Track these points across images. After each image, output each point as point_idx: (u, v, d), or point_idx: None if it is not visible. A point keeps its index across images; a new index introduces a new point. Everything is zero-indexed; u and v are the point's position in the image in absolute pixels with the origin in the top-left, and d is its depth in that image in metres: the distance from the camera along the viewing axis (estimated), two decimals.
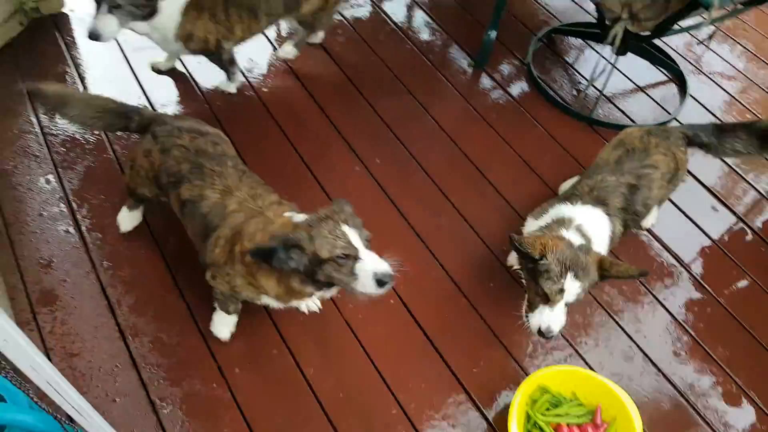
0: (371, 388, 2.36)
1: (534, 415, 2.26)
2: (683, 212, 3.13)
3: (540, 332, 2.15)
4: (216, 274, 2.13)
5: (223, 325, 2.39)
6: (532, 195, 3.04)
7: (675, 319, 2.73)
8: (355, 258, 1.83)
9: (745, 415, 2.50)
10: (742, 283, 2.91)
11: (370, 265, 1.82)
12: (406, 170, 3.09)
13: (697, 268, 2.93)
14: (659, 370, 2.57)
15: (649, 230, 3.02)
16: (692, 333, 2.70)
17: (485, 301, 2.65)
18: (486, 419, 2.35)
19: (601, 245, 2.30)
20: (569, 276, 2.09)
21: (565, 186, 2.99)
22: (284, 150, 3.07)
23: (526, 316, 2.21)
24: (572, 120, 3.46)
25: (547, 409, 2.30)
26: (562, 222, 2.30)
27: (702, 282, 2.87)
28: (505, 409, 2.35)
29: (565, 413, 2.29)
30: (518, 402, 2.19)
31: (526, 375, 2.39)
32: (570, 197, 2.42)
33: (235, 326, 2.40)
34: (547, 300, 2.13)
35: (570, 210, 2.35)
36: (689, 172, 3.29)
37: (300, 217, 1.94)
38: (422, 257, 2.77)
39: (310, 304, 2.51)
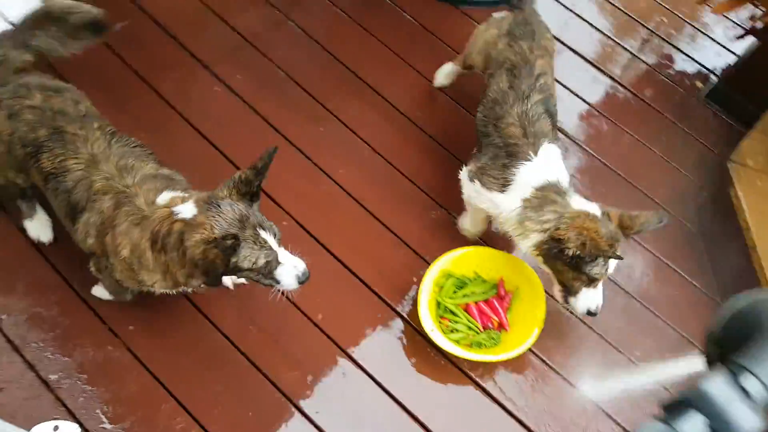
0: (284, 316, 2.29)
1: (443, 301, 2.30)
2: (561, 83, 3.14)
3: (589, 312, 2.12)
4: (98, 267, 1.94)
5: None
6: (409, 88, 2.96)
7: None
8: (276, 262, 1.78)
9: (641, 265, 2.64)
10: (624, 139, 2.99)
11: (291, 268, 1.81)
12: (274, 83, 2.90)
13: (579, 134, 2.98)
14: None
15: None
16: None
17: (383, 206, 2.60)
18: (401, 316, 2.36)
19: (566, 178, 2.19)
20: (612, 261, 2.03)
21: (440, 75, 2.92)
22: (141, 91, 2.78)
23: (566, 301, 2.15)
24: (440, 5, 3.34)
25: (454, 292, 2.35)
26: (546, 192, 2.08)
27: (586, 147, 2.93)
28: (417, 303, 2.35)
29: (470, 292, 2.34)
30: (425, 290, 2.21)
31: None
32: (513, 153, 2.14)
33: None
34: (591, 282, 2.06)
35: (535, 170, 2.11)
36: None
37: (186, 211, 1.72)
38: (308, 172, 2.65)
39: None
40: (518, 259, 2.35)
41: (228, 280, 2.28)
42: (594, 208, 2.05)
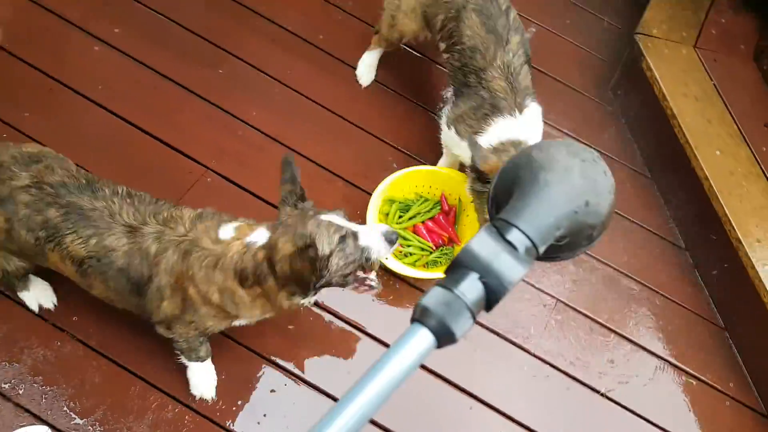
0: None
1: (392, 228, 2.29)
2: None
3: None
4: (173, 326, 1.81)
5: (207, 378, 2.05)
6: (306, 11, 2.83)
7: None
8: (353, 234, 1.68)
9: None
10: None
11: (374, 231, 1.73)
12: (157, 31, 2.68)
13: None
14: None
15: None
16: None
17: (307, 143, 2.53)
18: None
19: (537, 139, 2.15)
20: None
21: (364, 71, 2.70)
22: (9, 65, 2.53)
23: None
24: None
25: (399, 217, 2.35)
26: (515, 144, 2.03)
27: None
28: None
29: (415, 213, 2.36)
30: (372, 220, 2.21)
31: (369, 195, 2.37)
32: (497, 106, 2.09)
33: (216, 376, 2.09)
34: None
35: (516, 125, 2.08)
36: None
37: (260, 237, 1.67)
38: (220, 120, 2.53)
39: None
40: (454, 171, 2.36)
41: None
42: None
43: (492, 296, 0.76)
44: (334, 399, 2.10)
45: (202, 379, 2.03)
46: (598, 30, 3.05)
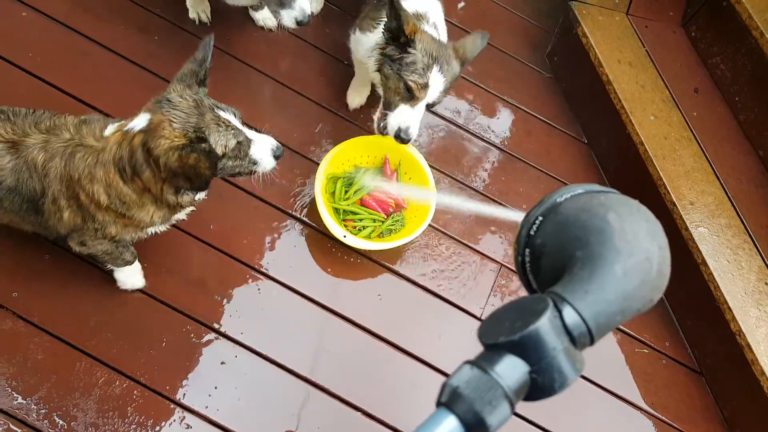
0: (178, 247, 2.27)
1: (339, 206, 2.37)
2: None
3: (398, 135, 2.10)
4: (84, 239, 1.79)
5: (133, 274, 2.11)
6: None
7: None
8: (248, 142, 1.72)
9: (505, 119, 2.84)
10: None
11: (266, 144, 1.77)
12: None
13: None
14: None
15: None
16: None
17: (254, 114, 2.54)
18: (299, 220, 2.42)
19: (444, 33, 2.23)
20: (435, 69, 2.02)
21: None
22: None
23: (381, 123, 2.15)
24: None
25: (345, 192, 2.40)
26: (418, 17, 2.12)
27: None
28: (312, 203, 2.41)
29: (360, 186, 2.41)
30: (320, 203, 2.23)
31: (315, 163, 2.42)
32: None
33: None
34: (411, 98, 2.05)
35: (420, 2, 2.19)
36: None
37: (139, 122, 1.61)
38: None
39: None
40: (389, 137, 2.41)
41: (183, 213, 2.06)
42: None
43: (539, 392, 0.70)
44: (286, 369, 2.17)
45: (129, 275, 2.12)
46: None
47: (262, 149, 1.77)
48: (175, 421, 2.05)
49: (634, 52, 2.76)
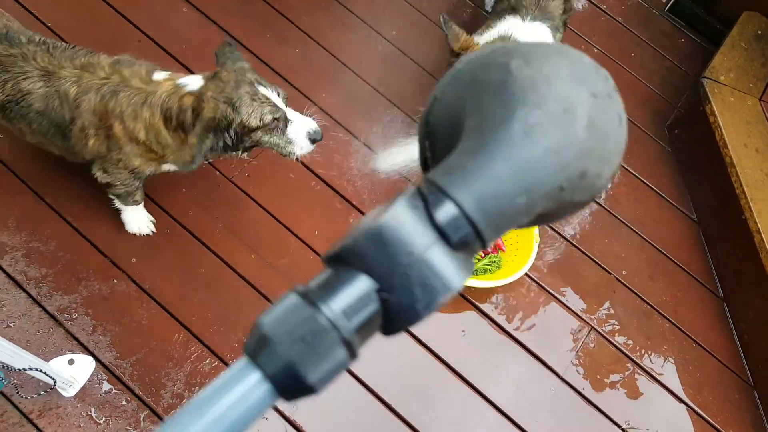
0: (279, 240, 2.41)
1: None
2: None
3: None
4: (106, 167, 1.97)
5: (141, 218, 2.27)
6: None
7: None
8: (285, 120, 1.84)
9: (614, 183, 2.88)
10: (592, 55, 3.17)
11: (302, 125, 1.86)
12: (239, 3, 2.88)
13: None
14: None
15: None
16: None
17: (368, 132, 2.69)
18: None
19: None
20: None
21: None
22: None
23: None
24: None
25: None
26: (505, 39, 2.26)
27: None
28: None
29: None
30: None
31: None
32: (518, 9, 2.33)
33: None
34: None
35: (517, 25, 2.28)
36: None
37: (193, 83, 1.81)
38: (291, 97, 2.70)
39: None
40: None
41: None
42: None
43: (397, 319, 0.51)
44: (370, 390, 2.24)
45: (136, 217, 2.25)
46: (662, 68, 3.22)
47: (300, 130, 1.87)
48: None
49: (763, 139, 2.76)
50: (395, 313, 0.50)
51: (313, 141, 1.90)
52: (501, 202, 0.50)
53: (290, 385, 0.50)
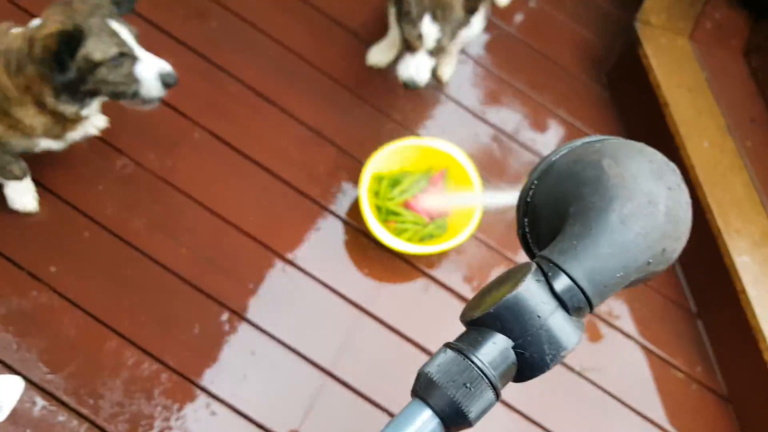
0: (215, 233, 2.29)
1: (383, 205, 2.38)
2: None
3: (406, 85, 2.22)
4: None
5: (23, 193, 2.09)
6: None
7: (476, 63, 2.87)
8: (133, 58, 1.70)
9: (555, 133, 2.83)
10: (528, 5, 3.09)
11: (153, 65, 1.72)
12: None
13: None
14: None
15: None
16: (495, 72, 2.88)
17: (302, 105, 2.57)
18: (338, 217, 2.44)
19: None
20: (426, 19, 2.08)
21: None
22: None
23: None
24: None
25: (390, 193, 2.42)
26: None
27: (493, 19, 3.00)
28: (354, 203, 2.41)
29: (406, 187, 2.42)
30: (365, 202, 2.25)
31: (361, 164, 2.43)
32: None
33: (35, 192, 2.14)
34: (410, 48, 2.17)
35: None
36: None
37: (37, 20, 1.66)
38: (209, 73, 2.56)
39: (94, 126, 2.06)
40: (444, 145, 2.42)
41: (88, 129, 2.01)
42: None
43: (529, 370, 0.64)
44: (313, 363, 2.18)
45: (20, 192, 2.08)
46: (596, 15, 3.16)
47: (149, 70, 1.73)
48: (200, 406, 2.08)
49: (694, 78, 2.75)
50: (528, 365, 0.63)
51: (166, 85, 1.75)
52: (605, 276, 0.64)
53: (455, 419, 0.61)
